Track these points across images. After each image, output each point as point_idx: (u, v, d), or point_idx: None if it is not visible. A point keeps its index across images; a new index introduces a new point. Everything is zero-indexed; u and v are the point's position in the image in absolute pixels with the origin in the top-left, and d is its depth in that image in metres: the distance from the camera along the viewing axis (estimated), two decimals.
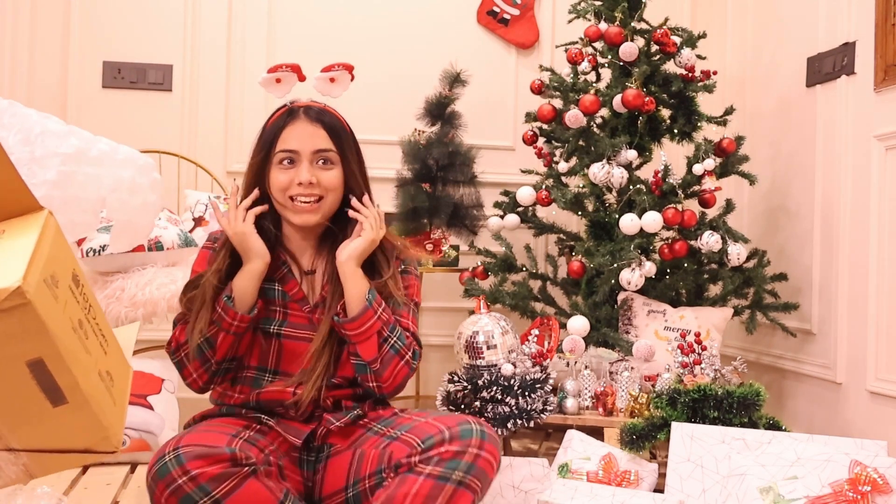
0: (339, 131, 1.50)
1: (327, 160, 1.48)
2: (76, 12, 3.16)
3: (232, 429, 1.36)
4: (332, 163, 1.49)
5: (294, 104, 1.52)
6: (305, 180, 1.45)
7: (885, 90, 2.30)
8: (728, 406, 1.94)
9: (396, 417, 1.45)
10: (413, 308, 1.57)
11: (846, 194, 2.46)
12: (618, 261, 2.43)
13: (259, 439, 1.38)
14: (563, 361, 2.30)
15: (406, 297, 1.55)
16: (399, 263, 1.58)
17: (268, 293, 1.50)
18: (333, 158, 1.49)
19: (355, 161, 1.53)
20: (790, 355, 2.74)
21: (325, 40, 3.30)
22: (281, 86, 1.55)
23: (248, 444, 1.31)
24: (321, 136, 1.48)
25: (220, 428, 1.35)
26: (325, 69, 1.56)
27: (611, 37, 2.58)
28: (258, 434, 1.40)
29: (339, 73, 1.56)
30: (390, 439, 1.36)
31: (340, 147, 1.49)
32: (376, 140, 3.30)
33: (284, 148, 1.47)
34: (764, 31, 3.01)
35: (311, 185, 1.46)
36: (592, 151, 2.61)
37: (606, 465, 1.94)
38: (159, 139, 3.09)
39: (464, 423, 1.32)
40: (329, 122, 1.50)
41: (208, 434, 1.29)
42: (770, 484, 1.60)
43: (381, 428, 1.43)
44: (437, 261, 2.94)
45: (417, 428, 1.34)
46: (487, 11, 3.39)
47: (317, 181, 1.46)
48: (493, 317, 2.20)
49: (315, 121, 1.48)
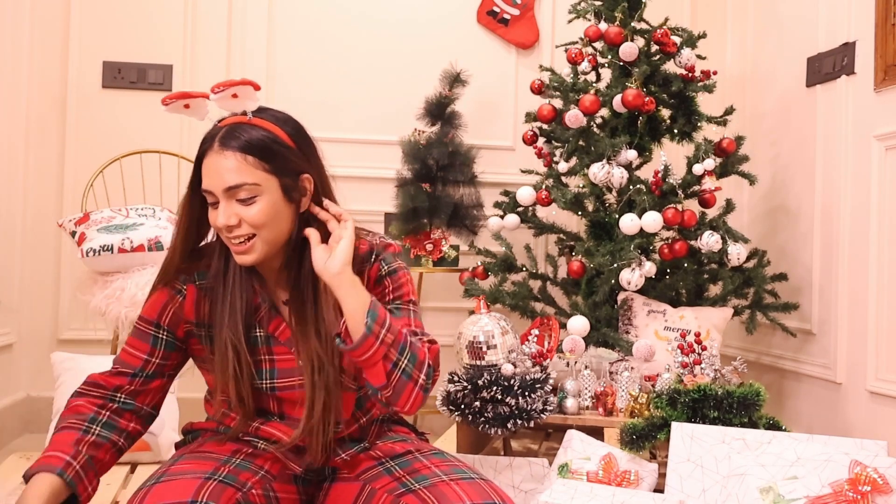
0: (264, 150, 1.26)
1: (245, 196, 1.24)
2: (76, 12, 3.16)
3: (216, 459, 1.28)
4: (254, 195, 1.24)
5: (221, 123, 1.29)
6: (222, 224, 1.25)
7: (885, 90, 2.30)
8: (728, 406, 1.94)
9: (413, 460, 1.34)
10: (413, 310, 1.41)
11: (846, 194, 2.47)
12: (618, 261, 2.43)
13: (248, 466, 1.30)
14: (563, 361, 2.30)
15: (402, 301, 1.39)
16: (379, 266, 1.39)
17: (252, 342, 1.33)
18: (252, 191, 1.24)
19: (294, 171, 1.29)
20: (790, 355, 2.74)
21: (325, 40, 3.30)
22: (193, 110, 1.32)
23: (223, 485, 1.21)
24: (232, 170, 1.23)
25: (199, 464, 1.26)
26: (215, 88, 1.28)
27: (611, 37, 2.58)
28: (249, 458, 1.32)
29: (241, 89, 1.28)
30: (406, 490, 1.26)
31: (268, 168, 1.25)
32: (376, 140, 3.30)
33: (203, 187, 1.27)
34: (764, 31, 3.01)
35: (234, 226, 1.26)
36: (592, 151, 2.61)
37: (606, 465, 1.94)
38: (159, 139, 3.09)
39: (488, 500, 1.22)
40: (247, 143, 1.25)
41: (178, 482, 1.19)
42: (770, 484, 1.60)
43: (396, 469, 1.33)
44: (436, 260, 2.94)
45: (438, 490, 1.23)
46: (487, 11, 3.39)
47: (238, 221, 1.25)
48: (493, 317, 2.20)
49: (228, 149, 1.24)
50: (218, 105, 1.29)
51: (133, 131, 3.15)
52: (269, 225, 1.27)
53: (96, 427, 1.29)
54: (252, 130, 1.26)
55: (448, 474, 1.27)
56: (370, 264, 1.38)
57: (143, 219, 2.58)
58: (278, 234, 1.29)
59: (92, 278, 2.46)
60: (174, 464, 1.28)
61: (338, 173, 3.67)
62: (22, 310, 3.08)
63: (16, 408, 3.02)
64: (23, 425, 3.06)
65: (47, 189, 3.12)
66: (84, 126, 3.16)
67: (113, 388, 1.34)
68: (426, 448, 1.39)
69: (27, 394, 3.11)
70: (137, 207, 2.66)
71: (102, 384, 1.34)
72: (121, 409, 1.34)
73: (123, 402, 1.34)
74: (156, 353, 1.36)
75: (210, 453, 1.32)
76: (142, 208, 2.65)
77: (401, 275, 1.40)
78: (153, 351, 1.36)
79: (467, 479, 1.26)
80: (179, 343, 1.38)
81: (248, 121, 1.28)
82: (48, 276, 3.12)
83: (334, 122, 3.29)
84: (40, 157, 3.13)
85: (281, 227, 1.29)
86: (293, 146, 1.30)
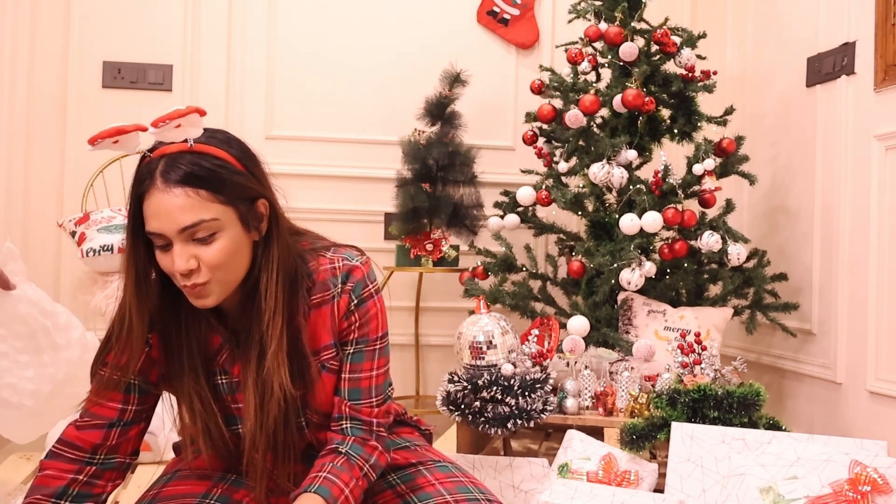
0: (217, 181, 1.11)
1: (203, 234, 1.11)
2: (76, 12, 3.16)
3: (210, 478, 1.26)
4: (213, 231, 1.11)
5: (154, 154, 1.12)
6: (181, 270, 1.10)
7: (885, 90, 2.30)
8: (728, 406, 1.94)
9: (417, 474, 1.30)
10: (378, 349, 1.27)
11: (846, 194, 2.46)
12: (618, 261, 2.43)
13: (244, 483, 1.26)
14: (563, 361, 2.30)
15: (367, 342, 1.26)
16: (348, 300, 1.24)
17: (217, 389, 1.23)
18: (211, 227, 1.10)
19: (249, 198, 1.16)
20: (790, 355, 2.74)
21: (325, 40, 3.30)
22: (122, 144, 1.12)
23: None
24: (185, 207, 1.08)
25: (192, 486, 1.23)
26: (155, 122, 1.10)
27: (611, 37, 2.58)
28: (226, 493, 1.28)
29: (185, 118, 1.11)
30: None
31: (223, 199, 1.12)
32: (376, 140, 3.30)
33: (149, 230, 1.11)
34: (764, 31, 3.01)
35: (192, 271, 1.12)
36: (592, 151, 2.61)
37: (606, 465, 1.94)
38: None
39: None
40: (196, 175, 1.09)
41: None
42: (770, 484, 1.60)
43: (398, 483, 1.30)
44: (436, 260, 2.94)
45: None
46: (487, 11, 3.39)
47: (197, 263, 1.11)
48: (493, 317, 2.20)
49: (174, 185, 1.08)
50: (157, 138, 1.12)
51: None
52: (230, 262, 1.13)
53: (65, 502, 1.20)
54: (198, 159, 1.10)
55: (452, 493, 1.25)
56: (337, 295, 1.23)
57: None
58: (239, 270, 1.16)
59: (92, 278, 2.46)
60: (167, 483, 1.26)
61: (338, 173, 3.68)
62: None
63: None
64: None
65: (47, 189, 3.12)
66: (84, 126, 3.16)
67: (91, 449, 1.23)
68: (431, 459, 1.36)
69: None
70: None
71: (78, 444, 1.23)
72: (100, 470, 1.24)
73: (103, 462, 1.24)
74: (130, 400, 1.24)
75: (205, 470, 1.29)
76: None
77: (369, 306, 1.25)
78: (127, 398, 1.24)
79: (472, 501, 1.24)
80: (153, 387, 1.27)
81: (188, 149, 1.11)
82: (48, 276, 3.12)
83: (334, 122, 3.29)
84: (40, 157, 3.13)
85: (241, 263, 1.16)
86: (243, 170, 1.15)
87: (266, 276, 1.17)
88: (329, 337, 1.24)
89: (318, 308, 1.23)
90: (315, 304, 1.23)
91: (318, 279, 1.23)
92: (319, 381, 1.23)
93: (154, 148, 1.12)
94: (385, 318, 1.29)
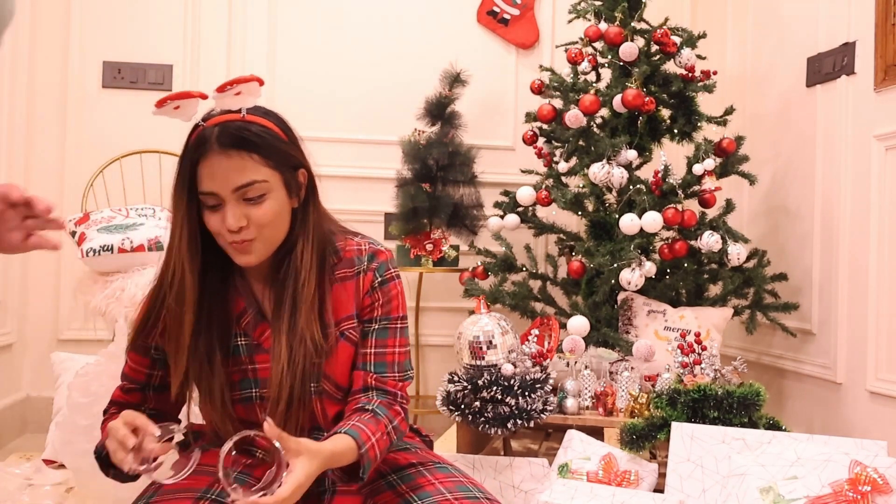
0: (267, 147, 1.22)
1: (254, 195, 1.21)
2: (76, 12, 3.16)
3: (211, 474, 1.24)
4: (263, 193, 1.21)
5: (207, 123, 1.22)
6: (232, 226, 1.20)
7: (885, 90, 2.30)
8: (728, 406, 1.94)
9: (417, 474, 1.32)
10: (400, 327, 1.35)
11: (846, 194, 2.46)
12: (618, 261, 2.44)
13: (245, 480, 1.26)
14: (563, 361, 2.30)
15: (390, 319, 1.34)
16: (373, 277, 1.33)
17: (234, 352, 1.29)
18: (262, 188, 1.21)
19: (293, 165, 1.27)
20: (790, 355, 2.74)
21: (325, 40, 3.30)
22: (182, 111, 1.25)
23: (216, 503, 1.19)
24: (241, 168, 1.19)
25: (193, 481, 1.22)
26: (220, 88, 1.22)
27: (611, 37, 2.58)
28: (247, 469, 1.28)
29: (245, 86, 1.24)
30: None
31: (272, 164, 1.23)
32: (376, 140, 3.30)
33: (203, 190, 1.21)
34: (764, 31, 3.01)
35: (242, 228, 1.21)
36: (592, 151, 2.61)
37: (606, 465, 1.94)
38: (159, 139, 3.09)
39: None
40: (250, 140, 1.21)
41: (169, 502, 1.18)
42: (770, 484, 1.60)
43: (399, 483, 1.30)
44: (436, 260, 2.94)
45: None
46: (487, 11, 3.39)
47: (247, 222, 1.21)
48: (493, 317, 2.20)
49: (230, 147, 1.19)
50: (217, 104, 1.24)
51: (133, 131, 3.14)
52: (275, 223, 1.24)
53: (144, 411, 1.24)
54: (249, 126, 1.22)
55: (452, 492, 1.26)
56: (363, 272, 1.33)
57: (143, 219, 2.58)
58: (281, 232, 1.27)
59: (92, 278, 2.46)
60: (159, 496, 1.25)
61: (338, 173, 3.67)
62: (22, 310, 3.08)
63: (16, 408, 3.02)
64: (23, 425, 3.06)
65: (47, 189, 3.11)
66: (84, 126, 3.16)
67: (138, 403, 1.31)
68: (431, 460, 1.37)
69: (27, 394, 3.11)
70: (137, 207, 2.66)
71: (124, 403, 1.31)
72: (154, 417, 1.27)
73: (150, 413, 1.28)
74: (155, 365, 1.31)
75: (206, 466, 1.28)
76: (142, 208, 2.65)
77: (391, 286, 1.34)
78: (154, 363, 1.31)
79: (472, 499, 1.25)
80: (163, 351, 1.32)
81: (241, 118, 1.23)
82: (48, 276, 3.12)
83: (334, 122, 3.29)
84: (40, 157, 3.13)
85: (283, 226, 1.27)
86: (286, 139, 1.27)
87: (302, 241, 1.28)
88: (351, 308, 1.32)
89: (342, 282, 1.32)
90: (339, 278, 1.32)
91: (345, 256, 1.33)
92: (337, 348, 1.30)
93: (207, 118, 1.23)
94: (405, 303, 1.38)
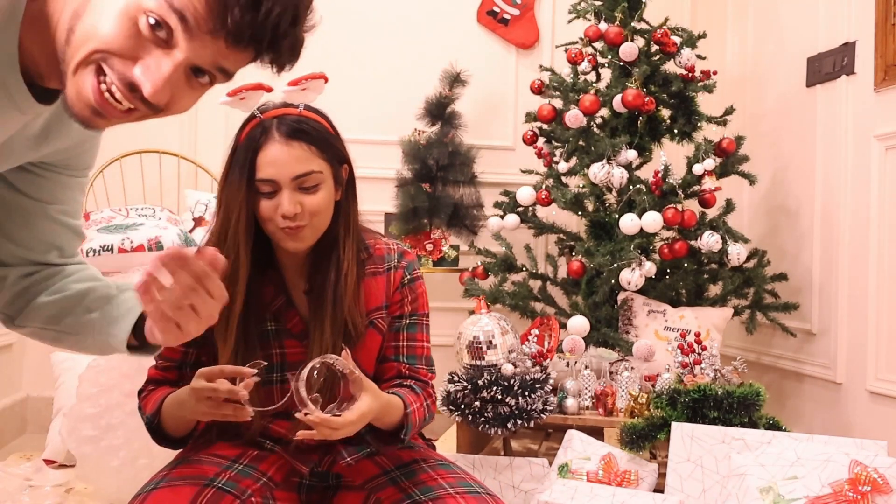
0: (322, 140, 1.30)
1: (310, 184, 1.27)
2: None
3: (219, 464, 1.27)
4: (317, 183, 1.28)
5: (265, 115, 1.29)
6: (288, 212, 1.25)
7: (885, 90, 2.30)
8: (728, 406, 1.94)
9: (419, 470, 1.33)
10: (425, 324, 1.44)
11: (846, 194, 2.46)
12: (618, 261, 2.43)
13: (251, 472, 1.29)
14: (563, 361, 2.30)
15: (418, 315, 1.42)
16: (403, 274, 1.40)
17: (263, 337, 1.33)
18: (317, 178, 1.28)
19: (340, 160, 1.35)
20: (790, 355, 2.74)
21: (325, 40, 3.29)
22: (246, 102, 1.31)
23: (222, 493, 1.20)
24: (300, 158, 1.26)
25: (201, 469, 1.25)
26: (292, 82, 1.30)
27: (611, 37, 2.58)
28: (254, 461, 1.31)
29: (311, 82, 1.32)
30: (411, 502, 1.26)
31: (326, 157, 1.30)
32: (376, 140, 3.30)
33: (262, 177, 1.26)
34: (764, 31, 3.01)
35: (297, 214, 1.27)
36: (592, 151, 2.61)
37: (606, 465, 1.94)
38: (159, 139, 3.09)
39: None
40: (308, 132, 1.29)
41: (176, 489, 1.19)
42: (770, 484, 1.60)
43: (402, 479, 1.32)
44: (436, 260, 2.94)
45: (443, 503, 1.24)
46: (487, 11, 3.39)
47: (301, 209, 1.26)
48: (493, 317, 2.20)
49: (291, 138, 1.27)
50: (285, 96, 1.32)
51: (133, 131, 3.13)
52: (325, 212, 1.31)
53: None
54: (309, 121, 1.31)
55: (454, 487, 1.27)
56: (393, 269, 1.40)
57: (143, 219, 2.58)
58: (327, 221, 1.32)
59: None
60: (177, 466, 1.27)
61: None
62: None
63: (16, 408, 3.02)
64: (23, 425, 3.06)
65: None
66: None
67: (175, 380, 1.34)
68: (433, 458, 1.38)
69: (27, 394, 3.11)
70: (137, 207, 2.67)
71: (164, 378, 1.35)
72: None
73: None
74: (191, 346, 1.30)
75: (214, 456, 1.31)
76: (142, 208, 2.66)
77: (418, 285, 1.43)
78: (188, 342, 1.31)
79: (473, 494, 1.26)
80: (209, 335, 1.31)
81: (299, 112, 1.32)
82: None
83: (334, 122, 3.28)
84: None
85: (329, 216, 1.33)
86: (335, 135, 1.36)
87: (344, 231, 1.35)
88: (381, 300, 1.39)
89: (371, 277, 1.38)
90: (369, 273, 1.38)
91: (375, 253, 1.40)
92: (365, 336, 1.36)
93: (264, 110, 1.30)
94: (428, 301, 1.46)
